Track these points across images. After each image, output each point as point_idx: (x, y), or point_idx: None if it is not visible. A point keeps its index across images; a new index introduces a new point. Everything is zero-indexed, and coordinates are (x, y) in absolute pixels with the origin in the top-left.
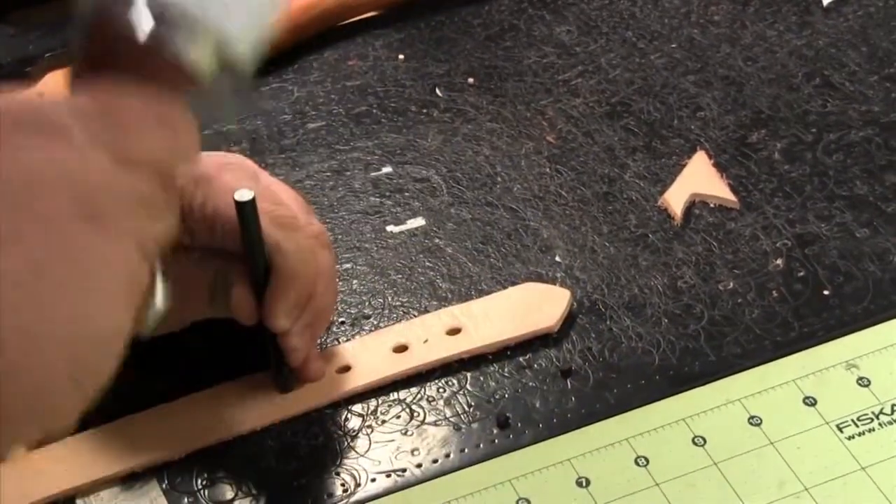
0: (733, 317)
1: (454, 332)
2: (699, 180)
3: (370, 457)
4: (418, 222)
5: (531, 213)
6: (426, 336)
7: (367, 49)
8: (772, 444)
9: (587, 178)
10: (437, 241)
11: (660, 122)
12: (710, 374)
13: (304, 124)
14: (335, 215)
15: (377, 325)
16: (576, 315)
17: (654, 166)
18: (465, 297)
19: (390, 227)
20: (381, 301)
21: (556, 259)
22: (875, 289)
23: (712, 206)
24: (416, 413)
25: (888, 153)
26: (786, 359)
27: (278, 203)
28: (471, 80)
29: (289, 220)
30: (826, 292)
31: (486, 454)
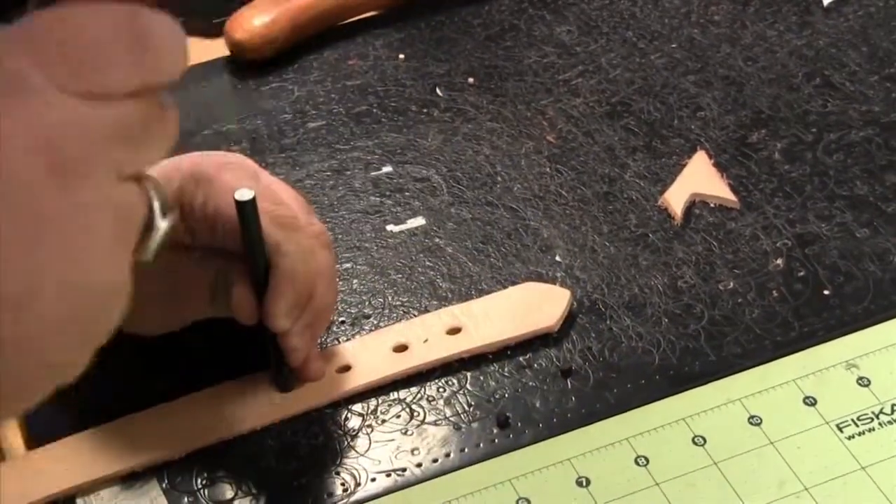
0: (733, 316)
1: (454, 331)
2: (699, 180)
3: (370, 456)
4: (418, 222)
5: (531, 212)
6: (426, 336)
7: (368, 49)
8: (772, 443)
9: (587, 177)
10: (437, 240)
11: (660, 122)
12: (711, 373)
13: (304, 124)
14: (335, 215)
15: (377, 325)
16: (576, 315)
17: (654, 166)
18: (465, 297)
19: (390, 227)
20: (381, 301)
21: (557, 259)
22: (875, 289)
23: (712, 205)
24: (416, 413)
25: (888, 153)
26: (786, 358)
27: (279, 203)
28: (471, 80)
29: (289, 220)
30: (826, 292)
31: (486, 454)
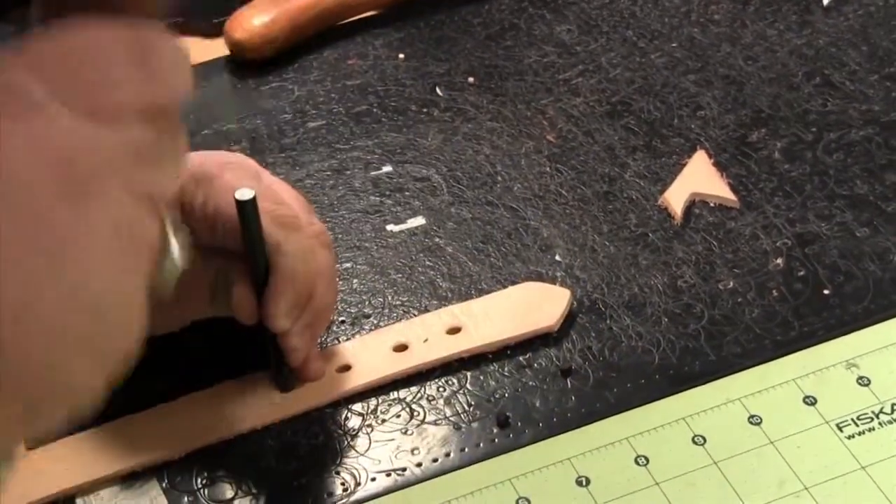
0: (733, 316)
1: (454, 331)
2: (699, 179)
3: (370, 456)
4: (418, 221)
5: (531, 212)
6: (426, 335)
7: (368, 48)
8: (772, 443)
9: (587, 177)
10: (437, 240)
11: (660, 122)
12: (710, 373)
13: (304, 123)
14: (335, 214)
15: (377, 325)
16: (576, 314)
17: (654, 165)
18: (465, 297)
19: (390, 227)
20: (381, 300)
21: (557, 258)
22: (875, 288)
23: (712, 205)
24: (416, 412)
25: (888, 152)
26: (786, 358)
27: (279, 202)
28: (471, 80)
29: (290, 220)
30: (826, 292)
31: (486, 453)
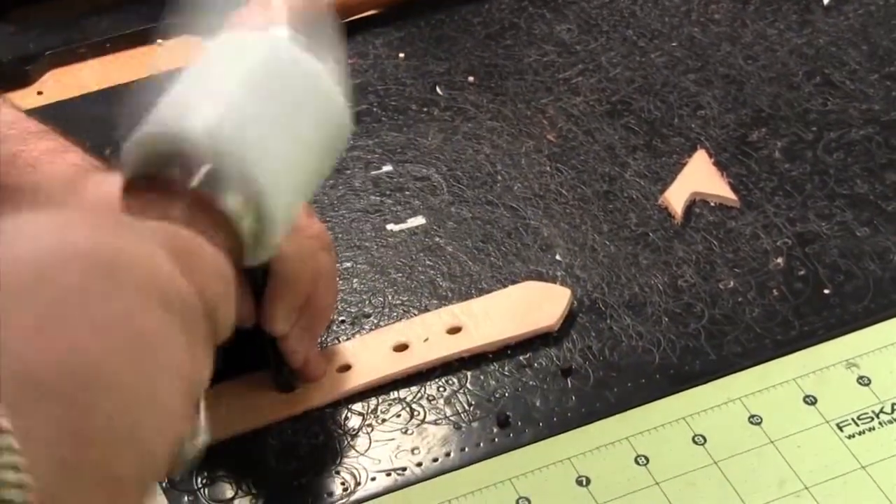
0: (734, 315)
1: (454, 330)
2: (699, 179)
3: (370, 455)
4: (418, 221)
5: (531, 211)
6: (426, 335)
7: (368, 47)
8: (772, 442)
9: (587, 176)
10: (437, 239)
11: (660, 121)
12: (711, 372)
13: None
14: (335, 214)
15: (377, 324)
16: (576, 314)
17: (654, 165)
18: (465, 296)
19: (390, 226)
20: (381, 300)
21: (557, 258)
22: (875, 288)
23: (713, 204)
24: (416, 412)
25: (888, 152)
26: (786, 357)
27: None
28: (471, 79)
29: None
30: (826, 291)
31: (487, 453)
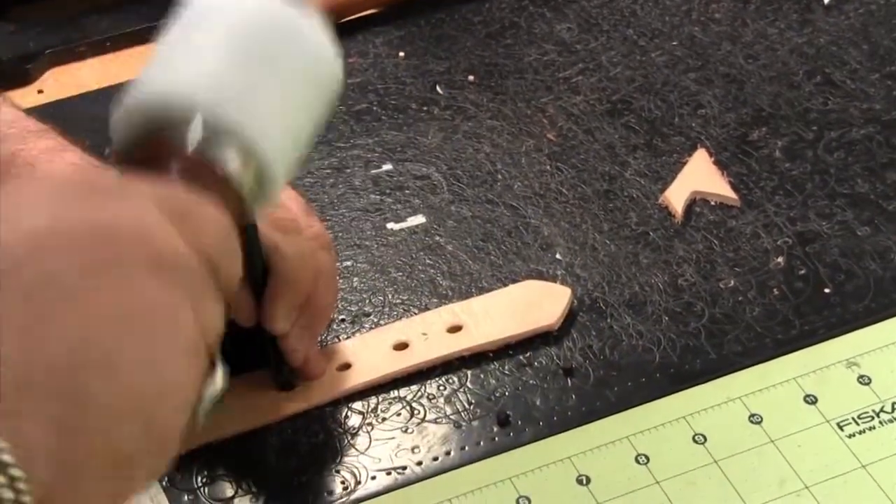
0: (734, 315)
1: (455, 329)
2: (700, 178)
3: (370, 454)
4: (419, 220)
5: (532, 210)
6: (427, 334)
7: (368, 46)
8: (772, 442)
9: (588, 175)
10: (437, 238)
11: (660, 120)
12: (711, 371)
13: None
14: (335, 213)
15: (377, 323)
16: (576, 313)
17: (654, 164)
18: (465, 295)
19: (391, 225)
20: (381, 299)
21: (557, 257)
22: (876, 287)
23: (713, 203)
24: (416, 411)
25: (889, 151)
26: (786, 357)
27: (278, 205)
28: (471, 78)
29: (288, 223)
30: (827, 290)
31: (487, 452)
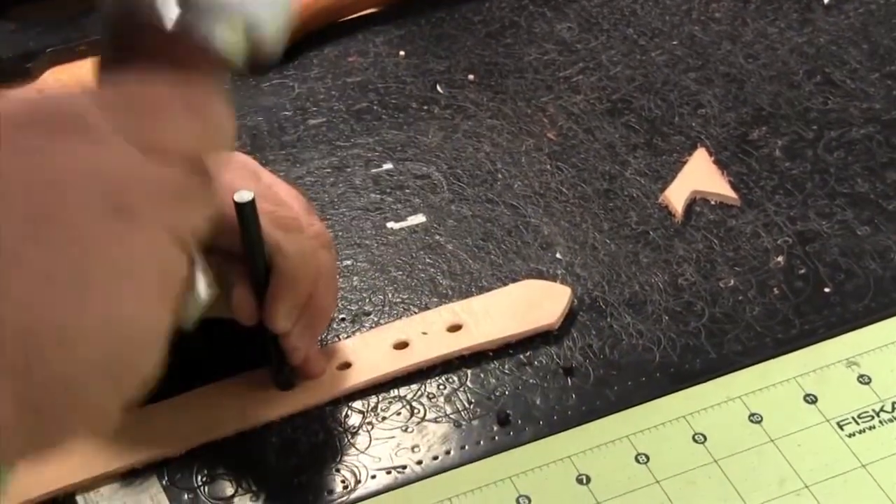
0: (734, 314)
1: (455, 328)
2: (700, 177)
3: (370, 453)
4: (419, 219)
5: (532, 209)
6: (427, 333)
7: (368, 45)
8: (772, 441)
9: (588, 174)
10: (437, 237)
11: (661, 120)
12: (711, 371)
13: (304, 120)
14: (335, 212)
15: (377, 322)
16: (576, 312)
17: (654, 163)
18: (465, 294)
19: (391, 224)
20: (381, 298)
21: (557, 256)
22: (876, 286)
23: (713, 203)
24: (416, 410)
25: (889, 150)
26: (786, 356)
27: (279, 203)
28: (471, 77)
29: (290, 221)
30: (827, 290)
31: (487, 451)
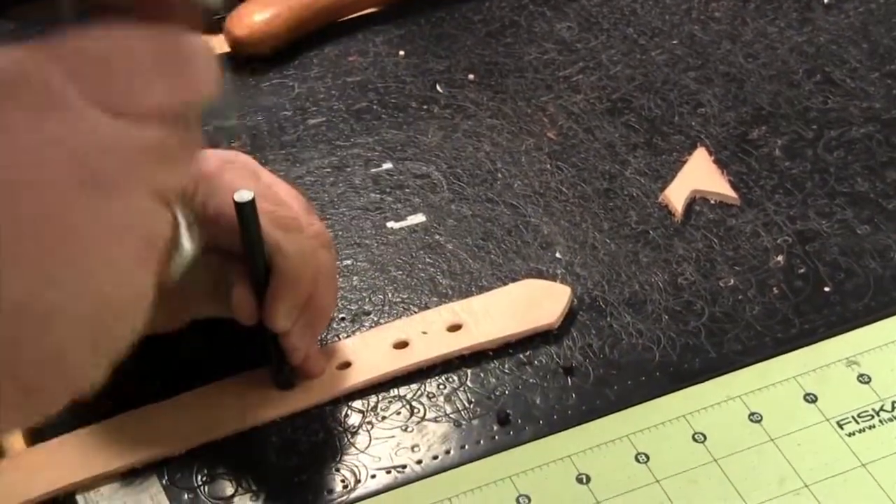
0: (734, 313)
1: (455, 328)
2: (700, 177)
3: (370, 453)
4: (419, 218)
5: (532, 209)
6: (427, 332)
7: (368, 45)
8: (772, 440)
9: (588, 174)
10: (437, 237)
11: (660, 119)
12: (711, 370)
13: (304, 120)
14: (335, 211)
15: (377, 322)
16: (576, 311)
17: (654, 163)
18: (465, 294)
19: (390, 224)
20: (381, 297)
21: (557, 255)
22: (876, 285)
23: (713, 202)
24: (416, 409)
25: (889, 150)
26: (786, 355)
27: (279, 203)
28: (471, 77)
29: (290, 221)
30: (827, 289)
31: (487, 451)
